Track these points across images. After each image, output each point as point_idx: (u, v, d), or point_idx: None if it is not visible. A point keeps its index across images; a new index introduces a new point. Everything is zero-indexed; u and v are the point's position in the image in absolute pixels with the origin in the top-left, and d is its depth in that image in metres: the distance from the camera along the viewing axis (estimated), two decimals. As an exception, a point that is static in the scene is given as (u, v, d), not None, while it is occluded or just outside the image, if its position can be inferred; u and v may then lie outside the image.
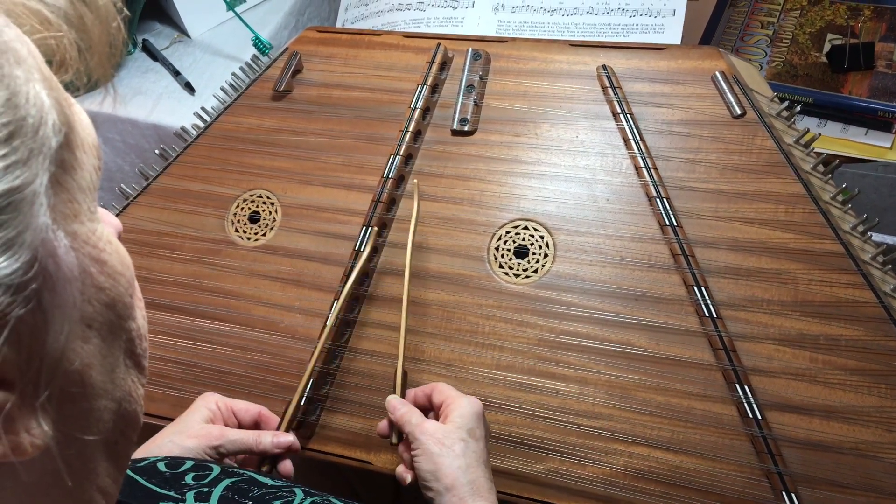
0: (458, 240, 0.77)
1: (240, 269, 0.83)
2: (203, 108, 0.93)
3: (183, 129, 0.93)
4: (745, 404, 0.65)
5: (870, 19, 1.08)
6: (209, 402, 0.68)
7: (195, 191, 0.88)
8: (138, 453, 0.64)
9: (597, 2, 0.92)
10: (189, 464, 0.54)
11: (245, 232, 0.85)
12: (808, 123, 1.04)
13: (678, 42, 0.88)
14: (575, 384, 0.70)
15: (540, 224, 0.76)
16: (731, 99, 0.74)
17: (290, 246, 0.82)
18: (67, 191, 0.26)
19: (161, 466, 0.53)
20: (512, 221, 0.77)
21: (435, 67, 0.84)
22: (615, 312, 0.71)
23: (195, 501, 0.48)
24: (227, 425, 0.67)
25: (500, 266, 0.76)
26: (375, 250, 0.79)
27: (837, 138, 1.03)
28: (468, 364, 0.73)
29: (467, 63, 0.84)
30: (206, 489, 0.50)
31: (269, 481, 0.52)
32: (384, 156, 0.82)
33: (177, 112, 1.09)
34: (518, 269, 0.75)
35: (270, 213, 0.85)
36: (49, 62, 0.28)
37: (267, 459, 0.67)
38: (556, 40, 0.86)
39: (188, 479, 0.51)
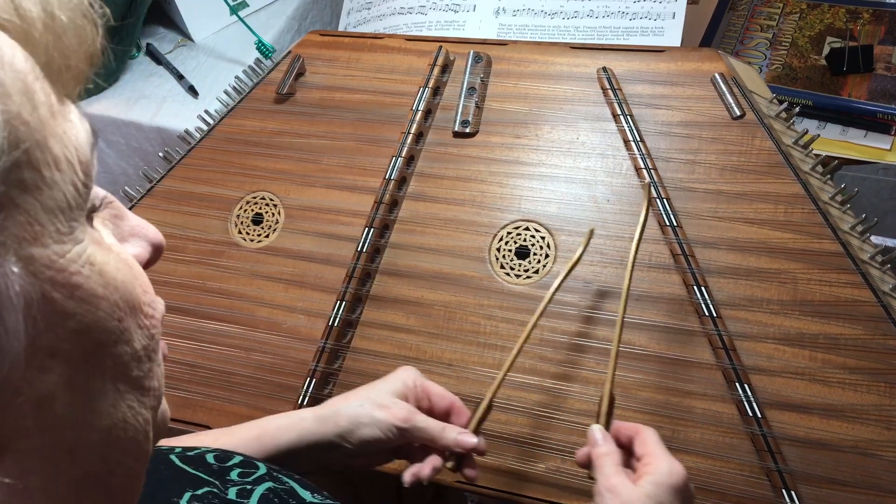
0: (460, 241, 0.78)
1: (243, 271, 0.83)
2: (206, 111, 0.94)
3: (186, 131, 0.94)
4: (745, 403, 0.65)
5: (868, 22, 1.09)
6: (407, 377, 0.65)
7: (198, 193, 0.89)
8: (334, 400, 0.64)
9: (597, 5, 0.93)
10: (237, 459, 0.53)
11: (248, 234, 0.85)
12: (808, 126, 1.05)
13: (678, 45, 0.89)
14: (576, 384, 0.70)
15: (541, 225, 0.77)
16: (731, 100, 0.75)
17: (292, 247, 0.83)
18: (26, 212, 0.24)
19: (209, 458, 0.53)
20: (513, 222, 0.78)
21: (436, 70, 0.85)
22: (616, 312, 0.71)
23: (236, 497, 0.48)
24: (418, 406, 0.64)
25: (502, 267, 0.76)
26: (377, 251, 0.80)
27: (837, 140, 1.04)
28: (470, 364, 0.73)
29: (469, 66, 0.85)
30: (248, 486, 0.50)
31: (308, 496, 0.52)
32: (386, 157, 0.82)
33: (180, 115, 1.10)
34: (519, 270, 0.76)
35: (273, 214, 0.85)
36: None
37: (453, 456, 0.63)
38: (556, 43, 0.87)
39: (233, 474, 0.51)
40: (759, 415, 0.64)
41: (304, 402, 0.74)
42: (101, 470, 0.29)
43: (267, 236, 0.85)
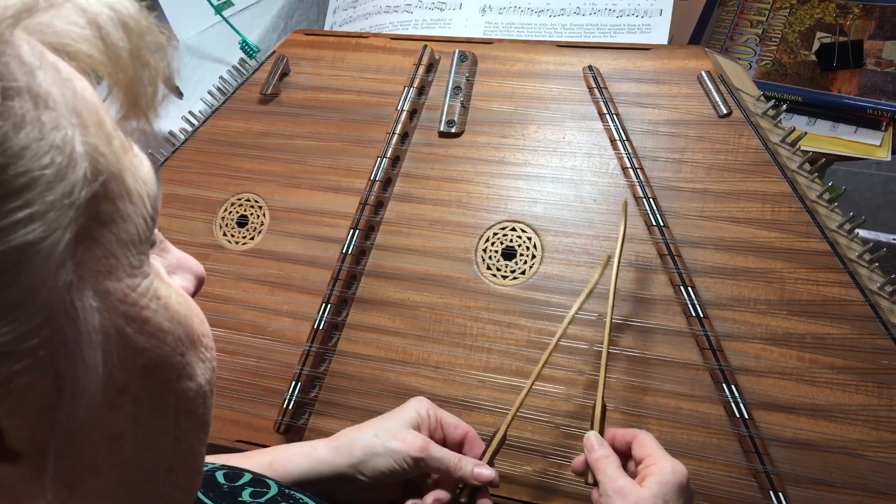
0: (446, 242, 0.77)
1: (228, 273, 0.83)
2: (191, 112, 0.93)
3: (171, 133, 0.93)
4: (733, 404, 0.64)
5: (859, 17, 1.08)
6: (420, 407, 0.64)
7: (183, 195, 0.88)
8: (347, 430, 0.63)
9: (584, 2, 0.92)
10: (247, 477, 0.53)
11: (233, 236, 0.85)
12: (798, 122, 1.04)
13: (665, 42, 0.88)
14: (563, 385, 0.70)
15: (527, 225, 0.76)
16: (717, 98, 0.74)
17: (278, 249, 0.82)
18: (102, 245, 0.24)
19: (220, 477, 0.52)
20: (499, 223, 0.77)
21: (422, 69, 0.84)
22: (602, 313, 0.71)
23: None
24: (431, 436, 0.63)
25: (488, 268, 0.76)
26: (363, 252, 0.79)
27: (827, 136, 1.03)
28: (456, 366, 0.73)
29: (454, 65, 0.84)
30: None
31: None
32: (371, 158, 0.82)
33: (164, 116, 1.08)
34: (506, 271, 0.75)
35: (258, 216, 0.85)
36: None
37: (466, 489, 0.62)
38: (542, 41, 0.86)
39: (245, 495, 0.50)
40: (747, 416, 0.64)
41: (290, 406, 0.74)
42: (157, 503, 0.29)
43: (252, 238, 0.84)
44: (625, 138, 0.75)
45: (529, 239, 0.75)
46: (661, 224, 0.71)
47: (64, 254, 0.22)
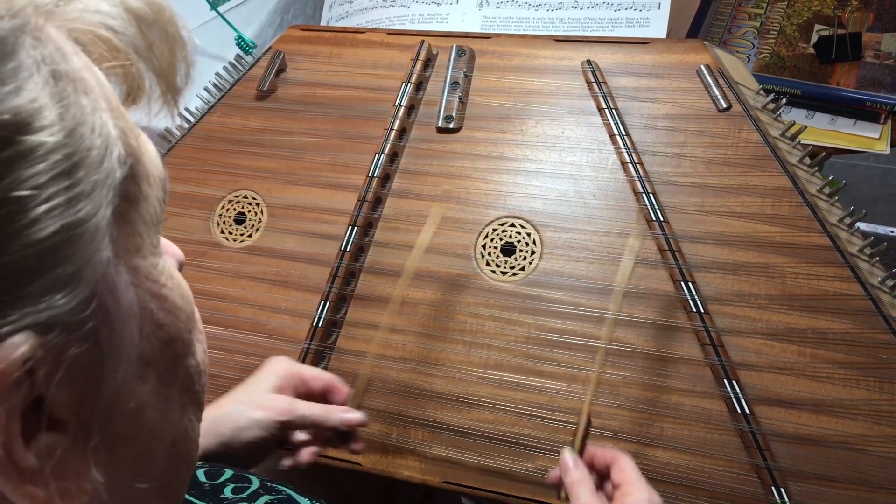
0: (445, 238, 0.77)
1: (226, 271, 0.82)
2: (187, 109, 0.92)
3: (167, 129, 0.92)
4: (734, 399, 0.64)
5: (857, 9, 1.08)
6: (278, 369, 0.64)
7: (180, 192, 0.87)
8: (208, 410, 0.62)
9: (582, -4, 0.92)
10: (228, 473, 0.53)
11: (231, 233, 0.84)
12: (796, 115, 1.04)
13: (663, 36, 0.88)
14: (563, 382, 0.69)
15: (527, 221, 0.76)
16: (717, 92, 0.74)
17: (276, 247, 0.82)
18: (131, 224, 0.26)
19: (200, 475, 0.52)
20: (499, 219, 0.76)
21: (419, 65, 0.84)
22: (603, 309, 0.71)
23: None
24: (296, 393, 0.63)
25: (488, 264, 0.75)
26: (361, 249, 0.79)
27: (825, 130, 1.03)
28: (456, 363, 0.72)
29: (452, 60, 0.83)
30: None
31: (307, 502, 0.51)
32: (369, 154, 0.81)
33: (161, 113, 1.08)
34: (505, 267, 0.75)
35: (256, 213, 0.84)
36: (118, 91, 0.28)
37: (336, 435, 0.64)
38: (540, 36, 0.85)
39: (227, 491, 0.50)
40: (748, 411, 0.64)
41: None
42: (165, 478, 0.30)
43: (250, 236, 0.83)
44: (624, 133, 0.75)
45: (529, 235, 0.75)
46: (661, 219, 0.71)
47: (104, 231, 0.23)
